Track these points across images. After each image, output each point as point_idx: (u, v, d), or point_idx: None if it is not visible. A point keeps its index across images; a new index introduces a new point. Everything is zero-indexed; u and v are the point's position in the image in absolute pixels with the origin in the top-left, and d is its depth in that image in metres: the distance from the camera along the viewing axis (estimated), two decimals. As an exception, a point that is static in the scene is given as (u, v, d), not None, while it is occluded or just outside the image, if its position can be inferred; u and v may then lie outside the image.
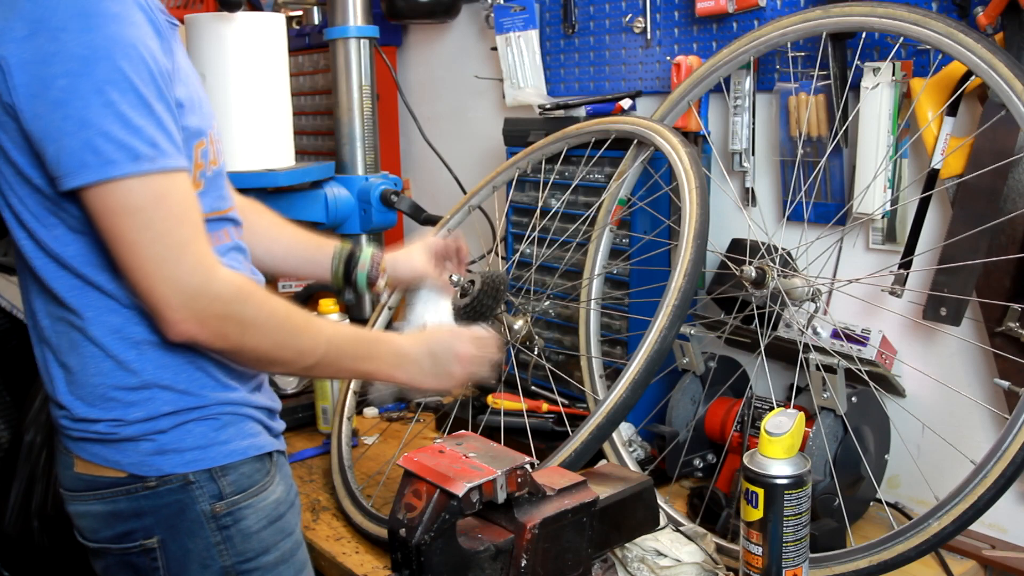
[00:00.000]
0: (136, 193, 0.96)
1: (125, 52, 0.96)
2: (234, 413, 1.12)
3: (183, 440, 1.08)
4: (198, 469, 1.08)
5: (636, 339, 1.46)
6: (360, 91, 2.04)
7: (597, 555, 1.15)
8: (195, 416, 1.09)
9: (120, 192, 0.96)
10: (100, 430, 1.06)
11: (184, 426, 1.08)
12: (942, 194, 1.43)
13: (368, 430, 1.91)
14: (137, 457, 1.06)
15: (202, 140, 1.08)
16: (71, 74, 0.94)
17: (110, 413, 1.06)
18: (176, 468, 1.07)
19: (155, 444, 1.07)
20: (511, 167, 1.85)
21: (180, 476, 1.07)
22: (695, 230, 1.39)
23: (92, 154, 0.94)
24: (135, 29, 0.97)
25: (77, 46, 0.94)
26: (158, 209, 0.97)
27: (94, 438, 1.07)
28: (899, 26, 1.34)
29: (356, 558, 1.43)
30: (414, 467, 1.01)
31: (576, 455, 1.30)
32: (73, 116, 0.94)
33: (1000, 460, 1.14)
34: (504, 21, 2.12)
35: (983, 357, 1.43)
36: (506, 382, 1.74)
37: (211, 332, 1.01)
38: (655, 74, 1.86)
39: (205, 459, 1.09)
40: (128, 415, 1.06)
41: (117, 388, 1.06)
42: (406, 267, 1.49)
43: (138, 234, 0.97)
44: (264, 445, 1.15)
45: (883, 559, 1.19)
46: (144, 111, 0.97)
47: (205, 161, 1.09)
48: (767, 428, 1.10)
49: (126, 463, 1.07)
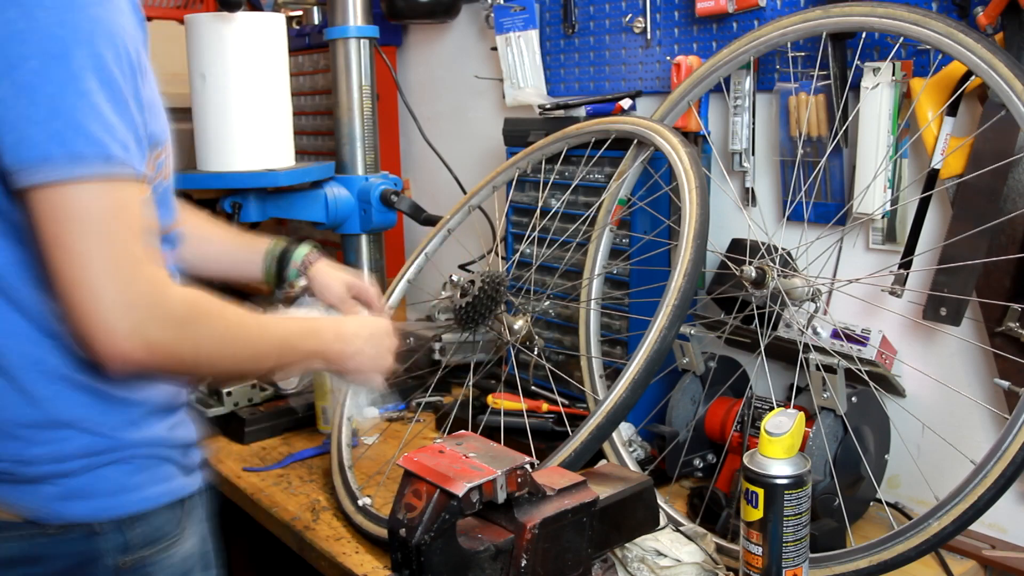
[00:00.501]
0: (97, 198, 0.85)
1: (109, 38, 0.86)
2: (149, 456, 1.02)
3: (92, 485, 0.97)
4: (106, 518, 0.97)
5: (636, 339, 1.45)
6: (360, 91, 2.04)
7: (597, 555, 1.15)
8: (107, 460, 0.98)
9: (80, 194, 0.84)
10: (1, 469, 0.95)
11: (95, 470, 0.97)
12: (942, 194, 1.43)
13: (368, 430, 1.91)
14: (37, 502, 0.95)
15: (159, 150, 0.99)
16: (45, 54, 0.83)
17: (10, 451, 0.94)
18: (81, 515, 0.96)
19: (60, 488, 0.95)
20: (511, 167, 1.85)
21: (85, 524, 0.96)
22: (695, 230, 1.39)
23: (59, 147, 0.83)
24: (120, 16, 0.88)
25: (56, 25, 0.83)
26: (117, 219, 0.86)
27: None
28: (899, 26, 1.34)
29: (356, 558, 1.43)
30: (414, 467, 1.01)
31: (576, 455, 1.30)
32: (42, 103, 0.83)
33: (1000, 460, 1.14)
34: (504, 21, 2.12)
35: (983, 357, 1.43)
36: (506, 382, 1.74)
37: (162, 356, 0.90)
38: (655, 74, 1.86)
39: (115, 507, 0.98)
40: (31, 454, 0.94)
41: (22, 425, 0.94)
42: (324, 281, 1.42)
43: (88, 244, 0.84)
44: (177, 490, 1.05)
45: (883, 559, 1.19)
46: (120, 107, 0.87)
47: (159, 173, 0.99)
48: (767, 428, 1.10)
49: (22, 507, 0.95)
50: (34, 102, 0.83)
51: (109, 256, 0.85)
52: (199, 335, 0.94)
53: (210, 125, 1.81)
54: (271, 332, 1.05)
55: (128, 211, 0.87)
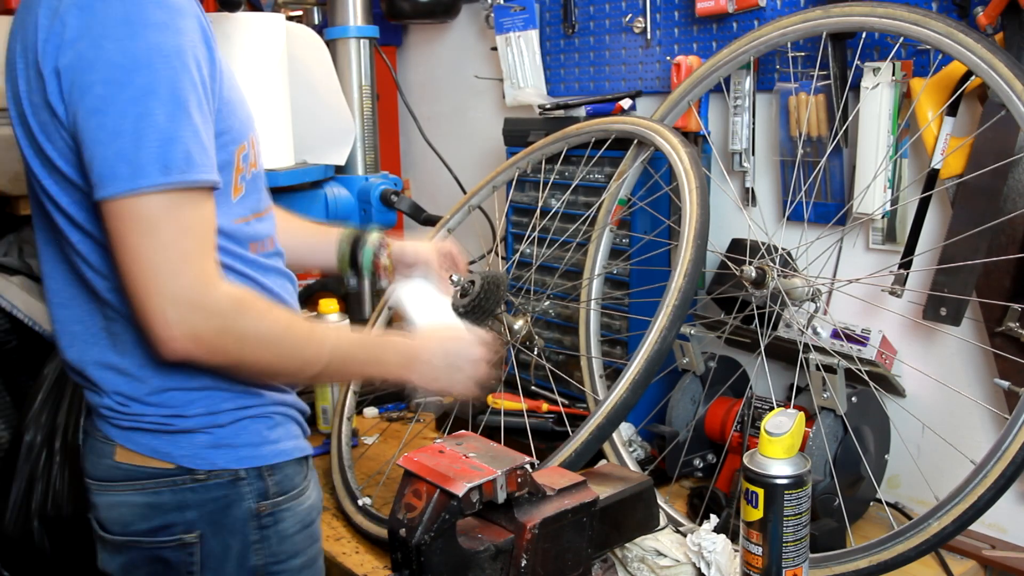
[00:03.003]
0: (152, 203, 0.94)
1: (167, 61, 0.94)
2: (285, 414, 1.14)
3: (238, 436, 1.08)
4: (250, 466, 1.08)
5: (636, 339, 1.46)
6: (360, 91, 2.04)
7: (597, 555, 1.15)
8: (252, 413, 1.10)
9: (140, 202, 0.94)
10: (155, 420, 1.06)
11: (241, 422, 1.09)
12: (942, 194, 1.43)
13: (368, 430, 1.91)
14: (191, 450, 1.06)
15: (243, 144, 1.07)
16: (109, 82, 0.93)
17: (169, 406, 1.06)
18: (229, 463, 1.07)
19: (211, 437, 1.07)
20: (511, 167, 1.85)
21: (231, 471, 1.08)
22: (695, 230, 1.38)
23: (126, 164, 0.93)
24: (180, 37, 0.96)
25: (117, 54, 0.93)
26: (169, 220, 0.95)
27: (146, 428, 1.06)
28: (899, 26, 1.34)
29: (356, 558, 1.43)
30: (414, 467, 1.01)
31: (576, 455, 1.30)
32: (108, 126, 0.93)
33: (1000, 460, 1.14)
34: (504, 21, 2.12)
35: (983, 357, 1.43)
36: (506, 382, 1.74)
37: (208, 348, 0.99)
38: (655, 74, 1.86)
39: (257, 456, 1.09)
40: (187, 409, 1.06)
41: (177, 386, 1.05)
42: (412, 253, 1.46)
43: (143, 246, 0.95)
44: (305, 448, 1.16)
45: (883, 559, 1.19)
46: (183, 121, 0.95)
47: (246, 165, 1.08)
48: (767, 428, 1.10)
49: (178, 455, 1.06)
50: (101, 125, 0.93)
51: (157, 252, 0.95)
52: (243, 330, 1.01)
53: (210, 125, 1.81)
54: (322, 340, 1.11)
55: (182, 212, 0.96)
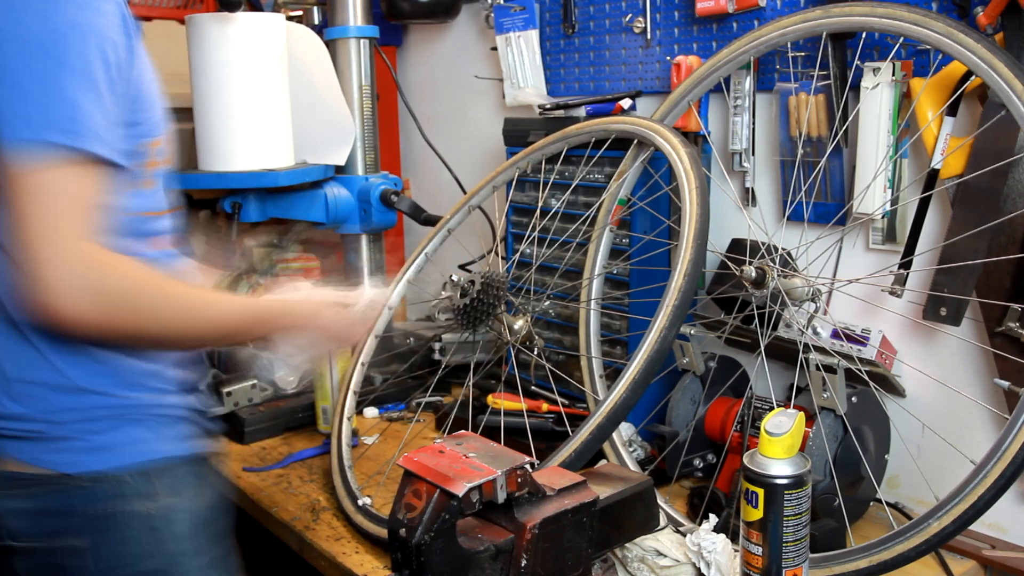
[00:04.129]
0: (49, 176, 0.95)
1: (83, 37, 0.97)
2: (169, 415, 1.14)
3: (118, 439, 1.09)
4: (124, 466, 1.08)
5: (636, 339, 1.46)
6: (360, 91, 2.04)
7: (597, 555, 1.15)
8: (132, 416, 1.10)
9: (37, 172, 0.95)
10: (33, 428, 1.07)
11: (120, 426, 1.09)
12: (942, 194, 1.43)
13: (368, 430, 1.91)
14: (69, 456, 1.07)
15: (157, 139, 1.10)
16: (25, 54, 0.95)
17: (44, 412, 1.06)
18: (101, 465, 1.07)
19: (89, 443, 1.07)
20: (511, 167, 1.85)
21: (104, 473, 1.07)
22: (695, 230, 1.38)
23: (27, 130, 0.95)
24: (99, 17, 0.99)
25: (36, 24, 0.95)
26: (64, 196, 0.96)
27: (26, 437, 1.07)
28: (899, 26, 1.34)
29: (356, 558, 1.43)
30: (414, 467, 1.01)
31: (576, 455, 1.30)
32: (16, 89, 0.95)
33: (1000, 460, 1.14)
34: (504, 21, 2.12)
35: (983, 357, 1.43)
36: (506, 382, 1.74)
37: (98, 323, 0.99)
38: (655, 74, 1.86)
39: (133, 457, 1.09)
40: (62, 416, 1.06)
41: (52, 389, 1.06)
42: None
43: (36, 216, 0.95)
44: (196, 447, 1.16)
45: (883, 559, 1.19)
46: (93, 96, 0.98)
47: (160, 159, 1.11)
48: (767, 428, 1.10)
49: (58, 461, 1.07)
50: (11, 88, 0.95)
51: (52, 229, 0.95)
52: (135, 306, 1.02)
53: (210, 125, 1.81)
54: (221, 304, 1.13)
55: (76, 189, 0.97)
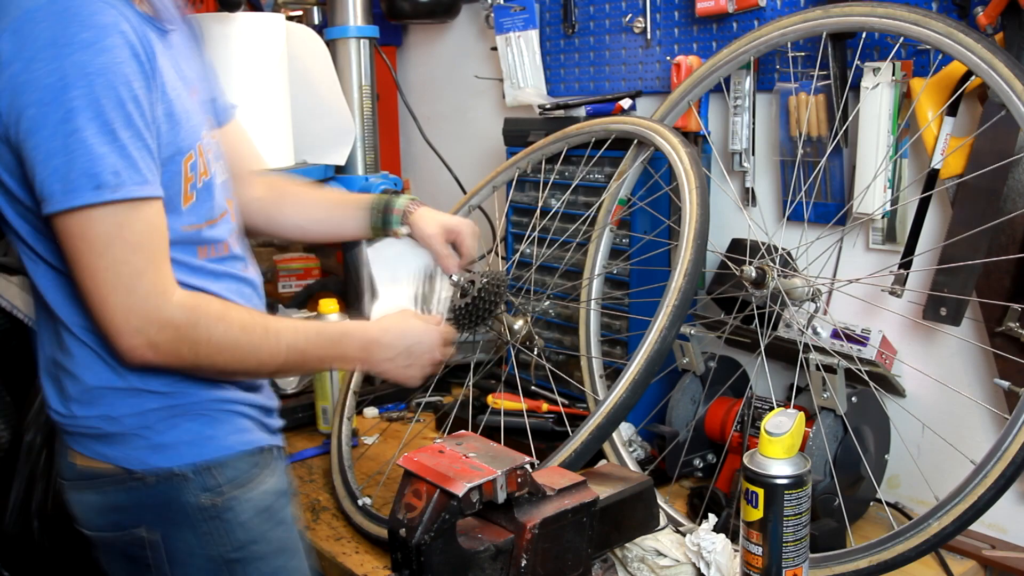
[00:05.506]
0: (96, 221, 0.98)
1: (90, 80, 0.96)
2: (225, 410, 1.16)
3: (171, 436, 1.12)
4: (186, 463, 1.11)
5: (636, 339, 1.46)
6: (360, 91, 2.04)
7: (597, 555, 1.15)
8: (184, 412, 1.12)
9: (81, 220, 0.98)
10: (92, 425, 1.11)
11: (173, 422, 1.12)
12: (942, 194, 1.43)
13: (368, 430, 1.91)
14: (126, 451, 1.11)
15: (190, 154, 1.10)
16: (40, 103, 0.95)
17: (100, 410, 1.10)
18: (163, 463, 1.11)
19: (145, 440, 1.11)
20: (511, 167, 1.85)
21: (166, 470, 1.11)
22: (695, 230, 1.38)
23: (59, 183, 0.96)
24: (106, 55, 0.97)
25: (46, 75, 0.95)
26: (116, 238, 0.99)
27: (87, 433, 1.11)
28: (899, 26, 1.34)
29: (356, 558, 1.43)
30: (414, 467, 1.01)
31: (576, 455, 1.30)
32: (41, 146, 0.96)
33: (1000, 460, 1.14)
34: (504, 21, 2.12)
35: (983, 357, 1.43)
36: (506, 382, 1.74)
37: (165, 355, 1.04)
38: (655, 74, 1.86)
39: (194, 454, 1.12)
40: (117, 412, 1.10)
41: (108, 388, 1.10)
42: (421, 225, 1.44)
43: (95, 260, 0.99)
44: (255, 440, 1.18)
45: (883, 559, 1.19)
46: (109, 139, 0.97)
47: (195, 174, 1.11)
48: (767, 428, 1.10)
49: (116, 456, 1.11)
50: (36, 146, 0.96)
51: (109, 269, 1.00)
52: (198, 336, 1.06)
53: (210, 125, 1.81)
54: (277, 338, 1.14)
55: (126, 229, 1.00)
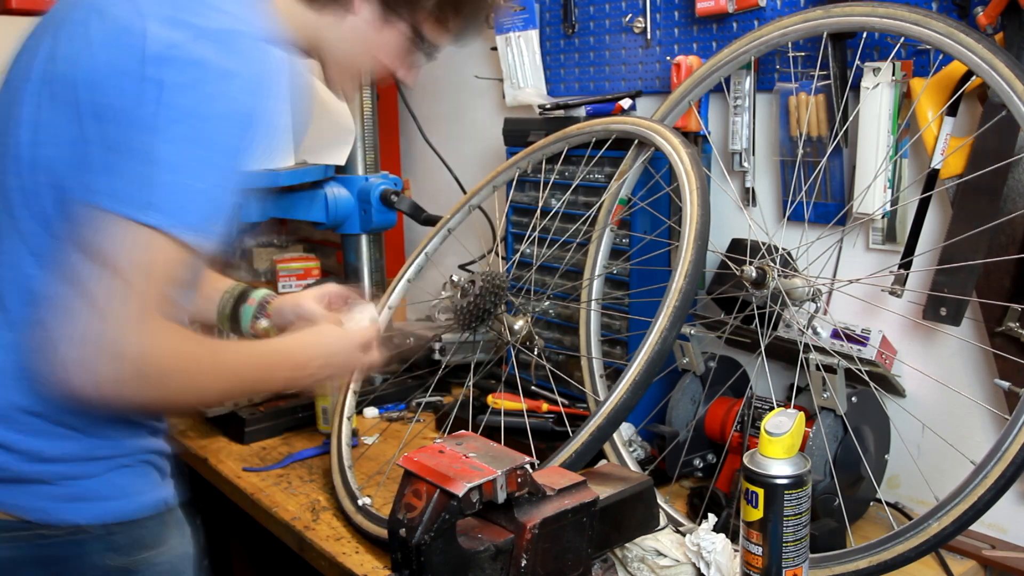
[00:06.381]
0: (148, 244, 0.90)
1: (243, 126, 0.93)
2: (142, 460, 1.06)
3: (85, 487, 1.01)
4: (97, 520, 1.01)
5: (636, 339, 1.46)
6: (360, 91, 2.04)
7: (597, 555, 1.15)
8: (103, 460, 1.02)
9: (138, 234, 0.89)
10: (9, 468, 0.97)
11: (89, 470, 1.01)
12: (942, 194, 1.43)
13: (368, 430, 1.91)
14: (33, 502, 0.98)
15: None
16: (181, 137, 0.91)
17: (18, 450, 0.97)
18: (70, 517, 0.99)
19: (56, 488, 0.99)
20: (511, 167, 1.85)
21: (72, 525, 0.99)
22: (696, 230, 1.38)
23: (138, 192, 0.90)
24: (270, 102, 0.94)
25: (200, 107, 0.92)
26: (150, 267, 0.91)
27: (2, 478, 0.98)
28: (900, 26, 1.34)
29: (356, 558, 1.42)
30: (414, 467, 1.01)
31: (576, 455, 1.30)
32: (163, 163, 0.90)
33: (1000, 460, 1.14)
34: (504, 21, 2.12)
35: (983, 357, 1.43)
36: (506, 382, 1.74)
37: (127, 397, 0.92)
38: (655, 74, 1.86)
39: (107, 510, 1.02)
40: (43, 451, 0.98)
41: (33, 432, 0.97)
42: (292, 310, 1.39)
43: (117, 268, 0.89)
44: (165, 496, 1.09)
45: (883, 559, 1.19)
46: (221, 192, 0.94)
47: None
48: (767, 428, 1.10)
49: (24, 506, 0.98)
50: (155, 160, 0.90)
51: (119, 306, 0.89)
52: (168, 387, 0.95)
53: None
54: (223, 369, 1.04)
55: (164, 268, 0.91)
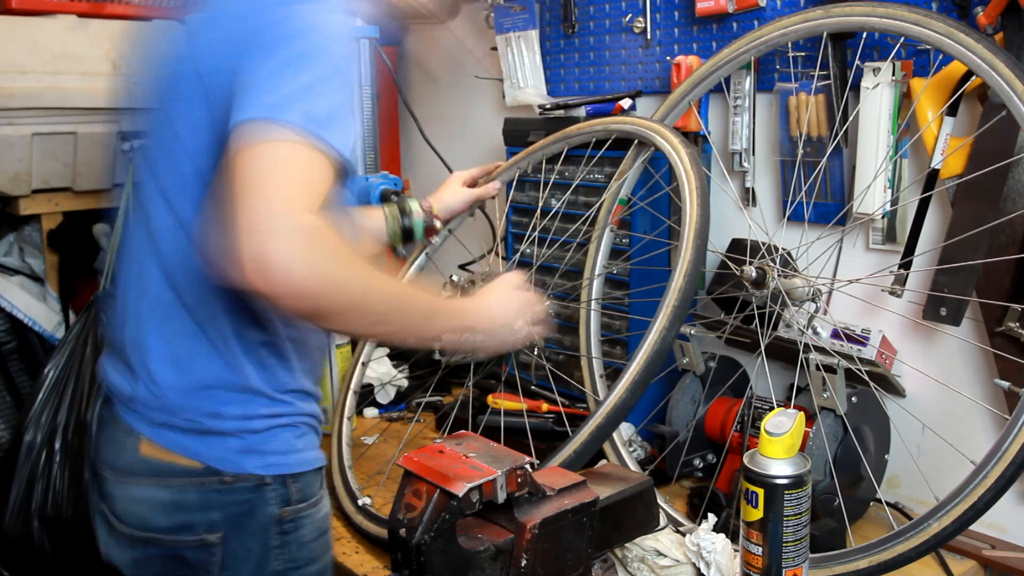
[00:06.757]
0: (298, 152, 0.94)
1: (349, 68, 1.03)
2: (310, 424, 1.17)
3: (268, 443, 1.11)
4: (276, 473, 1.11)
5: (636, 339, 1.46)
6: (360, 91, 2.04)
7: (597, 555, 1.15)
8: (284, 422, 1.12)
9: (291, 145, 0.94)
10: (190, 418, 1.08)
11: (272, 430, 1.11)
12: (942, 194, 1.43)
13: (368, 430, 1.91)
14: (221, 452, 1.08)
15: None
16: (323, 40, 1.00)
17: (208, 405, 1.08)
18: (256, 469, 1.10)
19: (243, 442, 1.09)
20: (511, 167, 1.85)
21: (257, 477, 1.09)
22: (695, 230, 1.38)
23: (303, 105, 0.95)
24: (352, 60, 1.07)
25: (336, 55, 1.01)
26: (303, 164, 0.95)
27: (180, 426, 1.08)
28: (900, 26, 1.34)
29: (356, 558, 1.43)
30: (414, 467, 1.01)
31: (576, 455, 1.30)
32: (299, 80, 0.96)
33: (1000, 460, 1.14)
34: (504, 21, 2.12)
35: (983, 357, 1.43)
36: (506, 382, 1.74)
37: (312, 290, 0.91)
38: (655, 74, 1.86)
39: (283, 464, 1.12)
40: (224, 410, 1.08)
41: (221, 385, 1.08)
42: (454, 199, 1.63)
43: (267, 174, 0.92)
44: (321, 458, 1.19)
45: (883, 559, 1.19)
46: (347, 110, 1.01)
47: None
48: (767, 428, 1.10)
49: (208, 455, 1.08)
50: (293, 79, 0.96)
51: (280, 195, 0.91)
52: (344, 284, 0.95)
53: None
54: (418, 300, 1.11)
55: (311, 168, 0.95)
